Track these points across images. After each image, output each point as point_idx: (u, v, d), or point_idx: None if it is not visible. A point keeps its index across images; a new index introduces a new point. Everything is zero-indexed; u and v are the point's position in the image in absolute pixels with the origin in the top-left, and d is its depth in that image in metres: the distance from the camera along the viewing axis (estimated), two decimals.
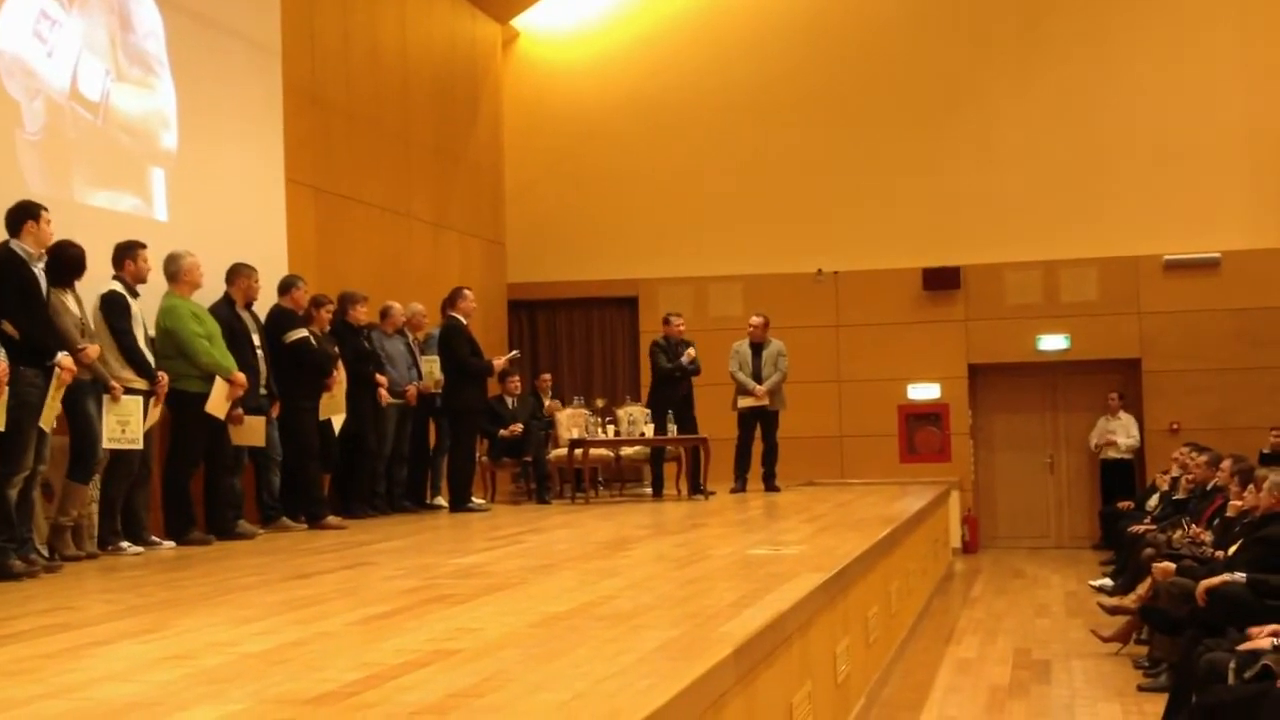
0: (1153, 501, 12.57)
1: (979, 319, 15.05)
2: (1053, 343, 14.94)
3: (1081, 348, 14.85)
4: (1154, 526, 10.25)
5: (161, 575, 6.49)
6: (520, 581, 5.74)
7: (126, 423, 7.33)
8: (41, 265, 6.52)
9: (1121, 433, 14.57)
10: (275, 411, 8.96)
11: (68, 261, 7.06)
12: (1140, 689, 7.17)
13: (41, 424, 6.33)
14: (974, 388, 15.24)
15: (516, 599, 5.20)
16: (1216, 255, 14.51)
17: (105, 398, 7.19)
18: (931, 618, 9.92)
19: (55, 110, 8.14)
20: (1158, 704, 6.59)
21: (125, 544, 7.51)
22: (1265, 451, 12.45)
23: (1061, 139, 14.84)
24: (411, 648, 4.02)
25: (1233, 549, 7.13)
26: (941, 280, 14.99)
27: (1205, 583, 6.15)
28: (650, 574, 5.95)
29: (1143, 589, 8.25)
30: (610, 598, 5.10)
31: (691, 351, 11.89)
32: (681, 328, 12.07)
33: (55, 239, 6.98)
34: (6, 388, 6.12)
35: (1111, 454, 14.62)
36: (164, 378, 7.72)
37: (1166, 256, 14.60)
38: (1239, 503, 7.69)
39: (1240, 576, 6.04)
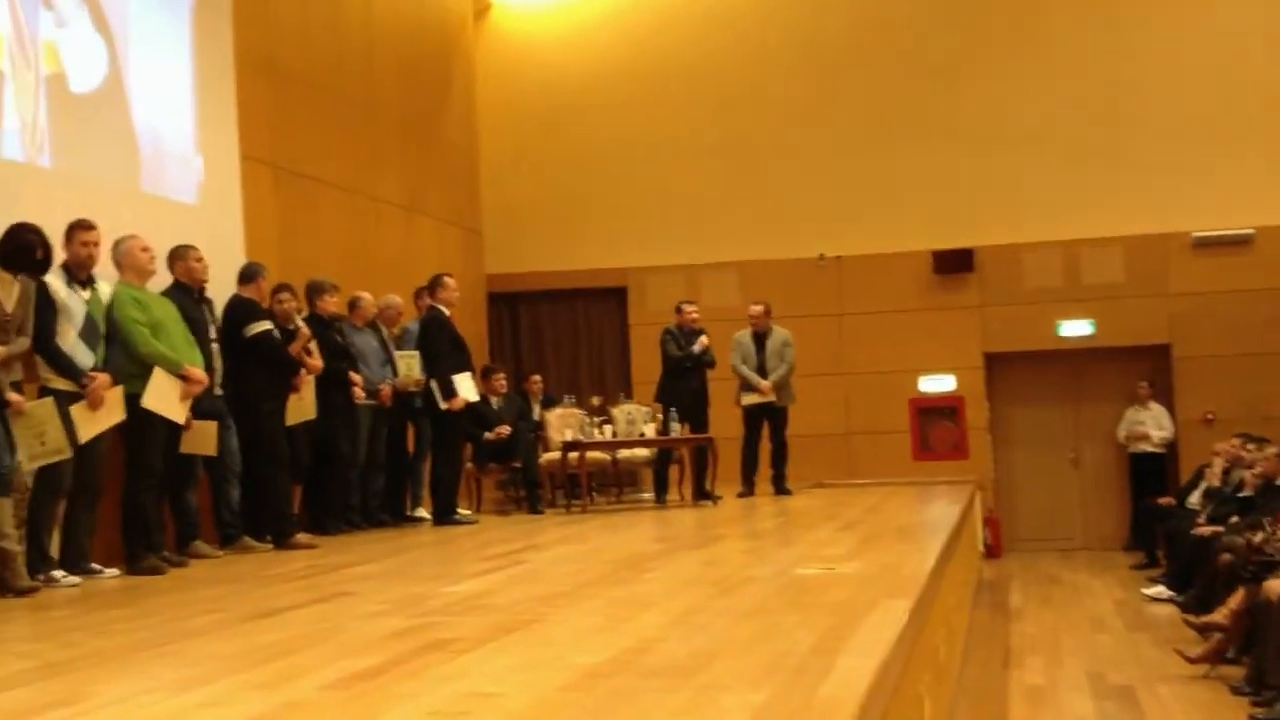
0: (1194, 498, 11.69)
1: (995, 304, 14.12)
2: (1075, 328, 14.04)
3: (1107, 333, 13.94)
4: (1221, 528, 9.28)
5: (97, 615, 5.44)
6: (534, 618, 4.70)
7: (43, 433, 6.27)
8: None
9: (1153, 424, 13.68)
10: None
11: (18, 249, 6.20)
12: None
13: None
14: (991, 379, 14.31)
15: (535, 644, 4.18)
16: (1250, 231, 13.60)
17: (8, 412, 6.10)
18: (979, 636, 8.98)
19: None
20: None
21: (59, 573, 6.43)
22: None
23: (1080, 109, 13.89)
24: None
25: None
26: (953, 263, 14.06)
27: None
28: (691, 605, 4.91)
29: (1235, 602, 7.24)
30: (655, 641, 4.08)
31: (704, 340, 11.00)
32: (695, 316, 11.21)
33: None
34: None
35: (1142, 447, 13.72)
36: (99, 379, 6.60)
37: (1195, 233, 13.68)
38: None
39: None
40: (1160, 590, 10.09)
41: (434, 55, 13.67)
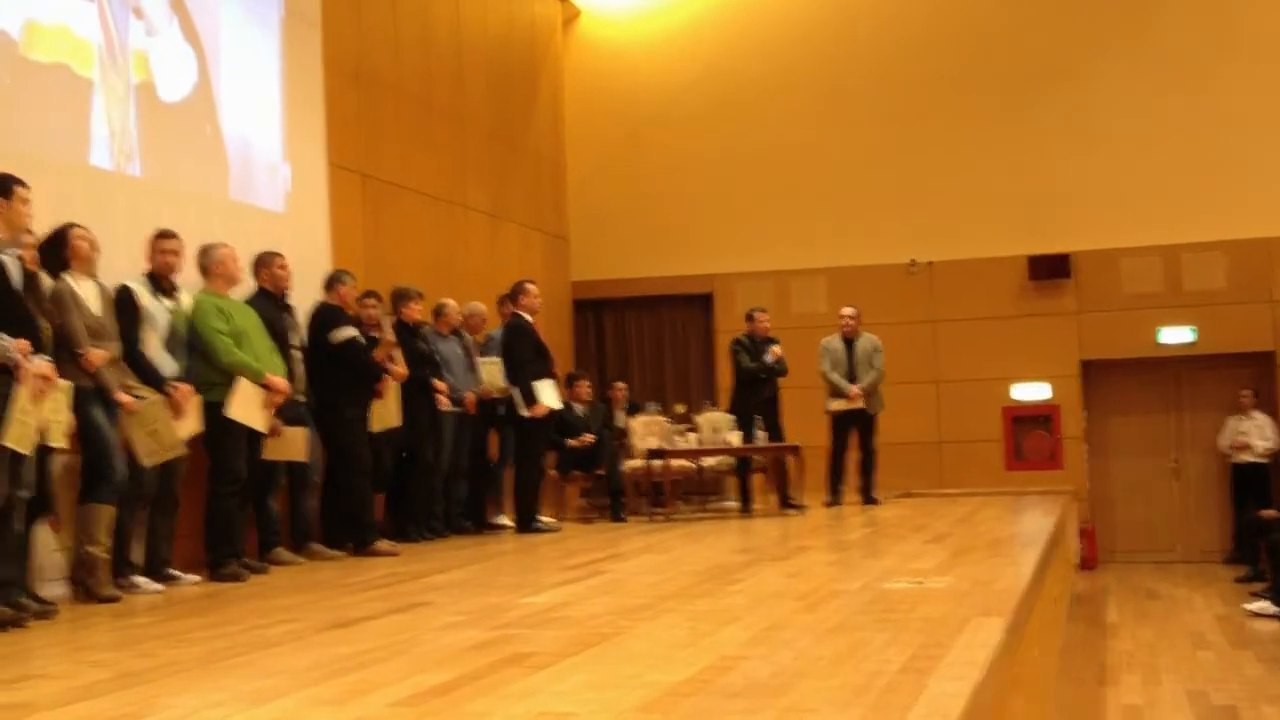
0: None
1: (1092, 311, 13.73)
2: (1176, 335, 13.60)
3: (1208, 340, 13.48)
4: None
5: (176, 623, 5.42)
6: (613, 631, 4.58)
7: (155, 430, 6.32)
8: (15, 252, 5.41)
9: (1256, 434, 13.23)
10: None
11: (66, 248, 6.07)
12: None
13: (11, 443, 5.18)
14: (1087, 387, 13.91)
15: (613, 661, 4.05)
16: None
17: (119, 411, 6.14)
18: (1073, 652, 8.69)
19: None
20: None
21: (140, 579, 6.45)
22: None
23: (1181, 108, 13.48)
24: None
25: None
26: (1049, 269, 13.69)
27: None
28: (775, 620, 4.76)
29: None
30: (738, 659, 3.94)
31: (776, 349, 10.85)
32: (766, 324, 11.03)
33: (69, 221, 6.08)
34: None
35: (1245, 457, 13.28)
36: (182, 389, 6.60)
37: None
38: None
39: None
40: (1264, 606, 9.73)
41: (522, 63, 13.65)
